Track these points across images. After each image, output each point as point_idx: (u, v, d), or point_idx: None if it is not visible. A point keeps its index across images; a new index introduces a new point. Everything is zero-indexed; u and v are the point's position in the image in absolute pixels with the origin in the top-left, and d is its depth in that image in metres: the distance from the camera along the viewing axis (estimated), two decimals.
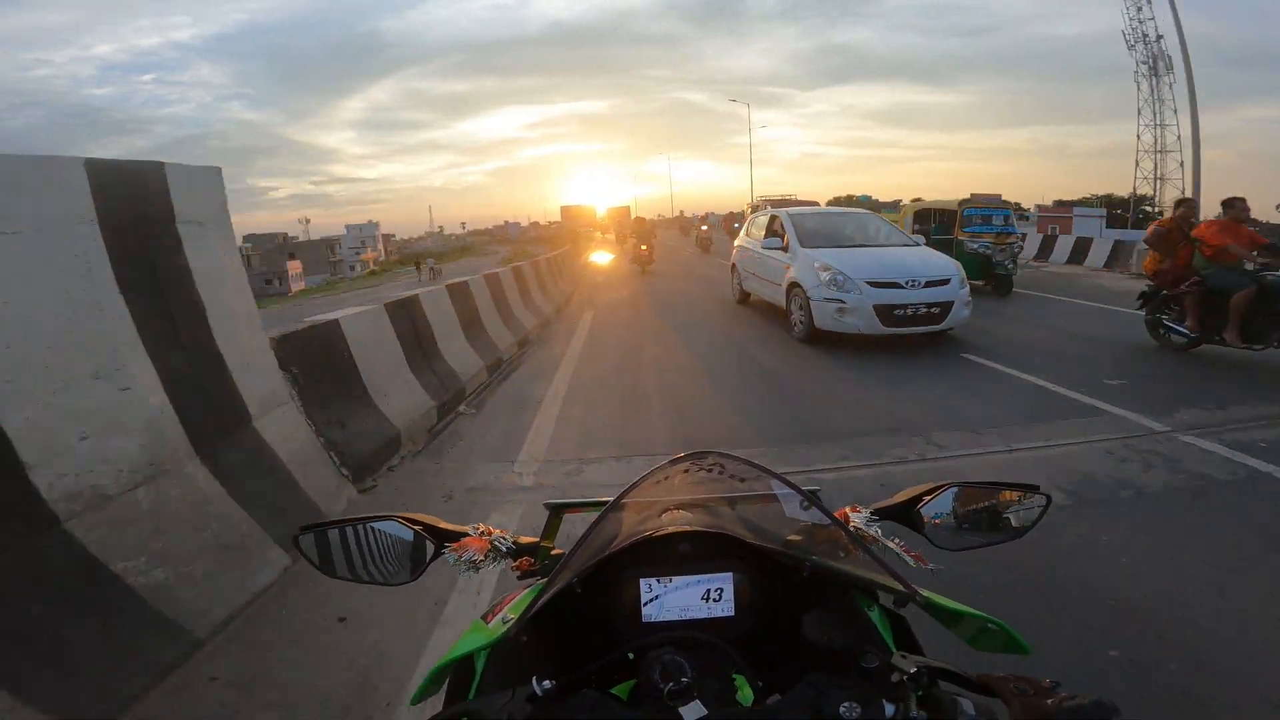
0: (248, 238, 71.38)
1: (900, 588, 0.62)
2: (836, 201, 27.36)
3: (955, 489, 0.80)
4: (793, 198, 22.31)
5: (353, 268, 77.98)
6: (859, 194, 54.98)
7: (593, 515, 0.71)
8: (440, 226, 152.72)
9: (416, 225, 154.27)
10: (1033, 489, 0.80)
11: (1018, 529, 0.80)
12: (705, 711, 0.53)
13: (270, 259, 64.93)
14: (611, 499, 0.72)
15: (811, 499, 0.71)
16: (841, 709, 0.51)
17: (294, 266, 64.00)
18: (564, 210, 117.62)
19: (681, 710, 0.53)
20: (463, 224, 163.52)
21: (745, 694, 0.60)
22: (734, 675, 0.60)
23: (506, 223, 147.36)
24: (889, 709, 0.52)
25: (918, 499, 0.81)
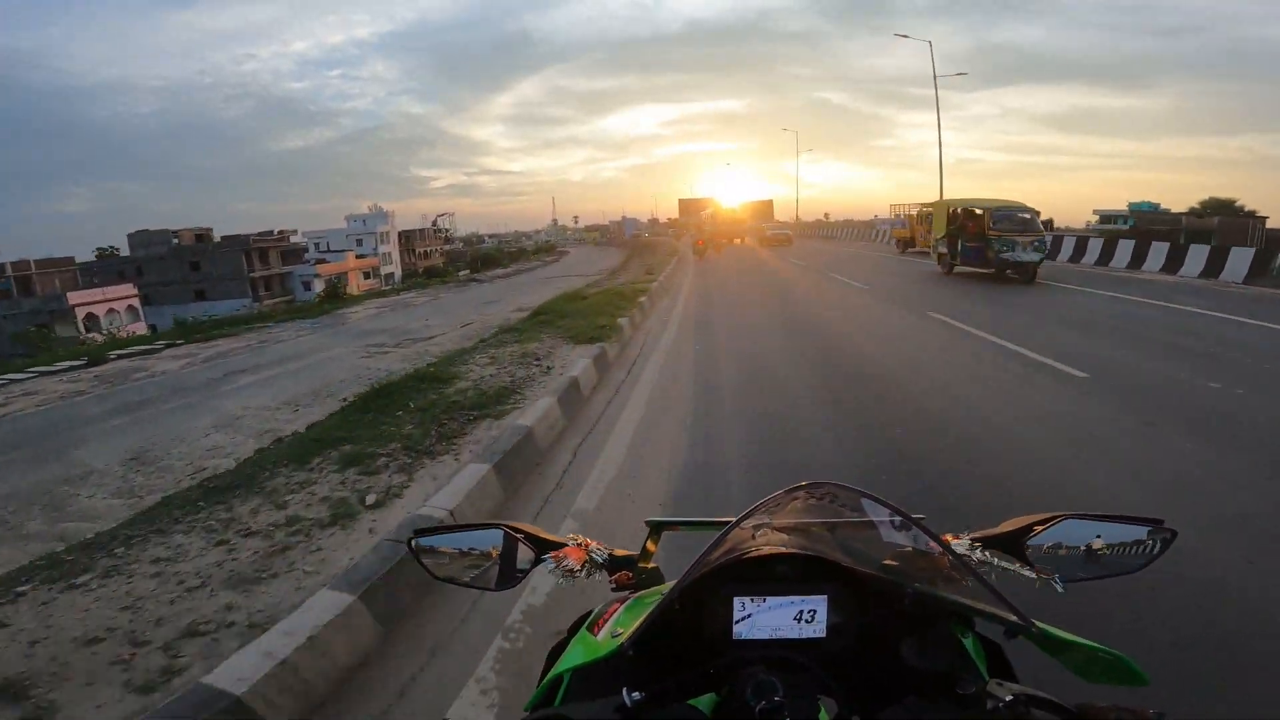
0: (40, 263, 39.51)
1: (1013, 619, 0.60)
2: None
3: (1070, 520, 0.75)
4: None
5: (308, 286, 48.45)
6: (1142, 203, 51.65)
7: (690, 533, 0.86)
8: (554, 219, 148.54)
9: (546, 218, 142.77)
10: (1156, 522, 0.74)
11: (1135, 563, 0.74)
12: None
13: (171, 269, 44.74)
14: (722, 519, 0.75)
15: (916, 524, 0.69)
16: None
17: (114, 294, 38.13)
18: (682, 204, 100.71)
19: None
20: (575, 218, 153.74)
21: (823, 718, 0.60)
22: (818, 697, 0.60)
23: (624, 217, 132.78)
24: None
25: (1027, 529, 0.76)
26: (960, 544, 0.76)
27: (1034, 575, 0.73)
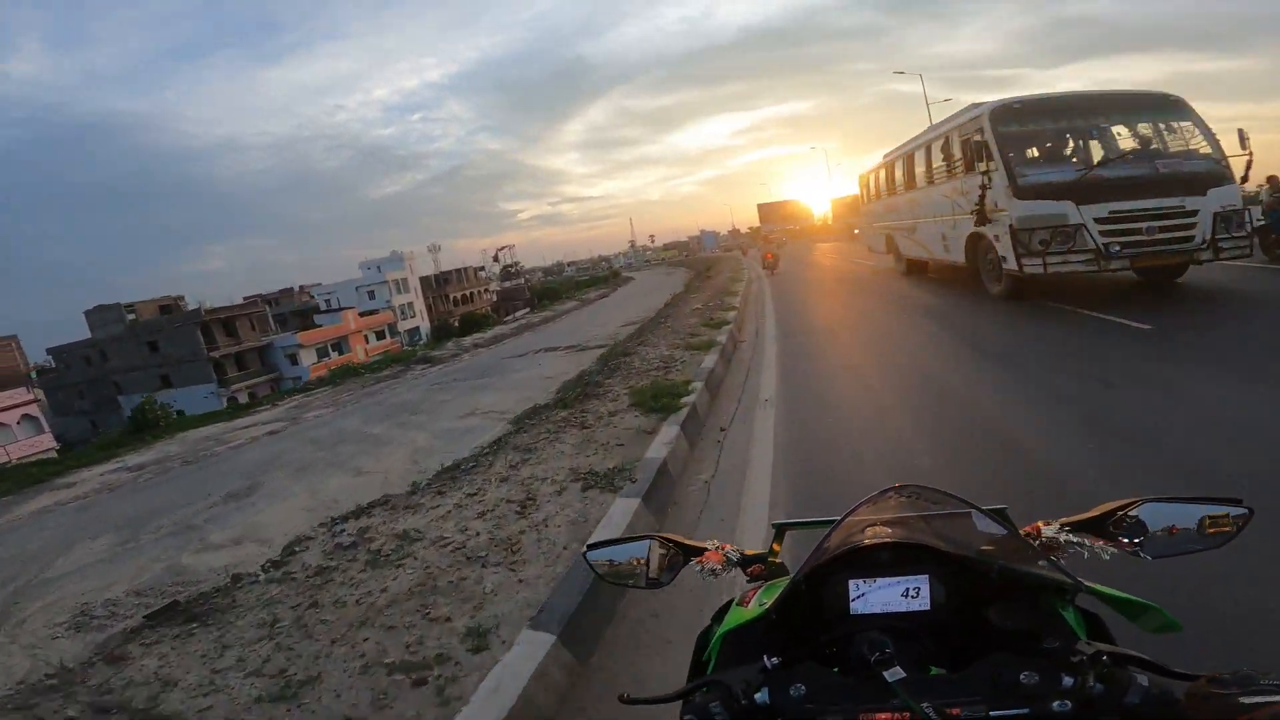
0: None
1: (1067, 580, 0.74)
2: None
3: (1152, 503, 0.83)
4: None
5: (294, 360, 39.41)
6: None
7: (810, 530, 1.00)
8: (632, 241, 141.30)
9: (624, 240, 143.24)
10: (1235, 501, 0.80)
11: (1216, 539, 0.80)
12: (904, 674, 0.67)
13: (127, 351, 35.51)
14: (831, 518, 0.86)
15: (998, 515, 0.84)
16: (1022, 676, 0.65)
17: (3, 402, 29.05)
18: (761, 210, 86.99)
19: (885, 674, 0.67)
20: (651, 237, 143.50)
21: (930, 670, 0.74)
22: (928, 663, 0.74)
23: (702, 231, 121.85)
24: (1067, 680, 0.64)
25: (1111, 514, 0.85)
26: (1050, 529, 0.88)
27: (1116, 551, 0.83)
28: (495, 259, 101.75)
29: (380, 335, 48.01)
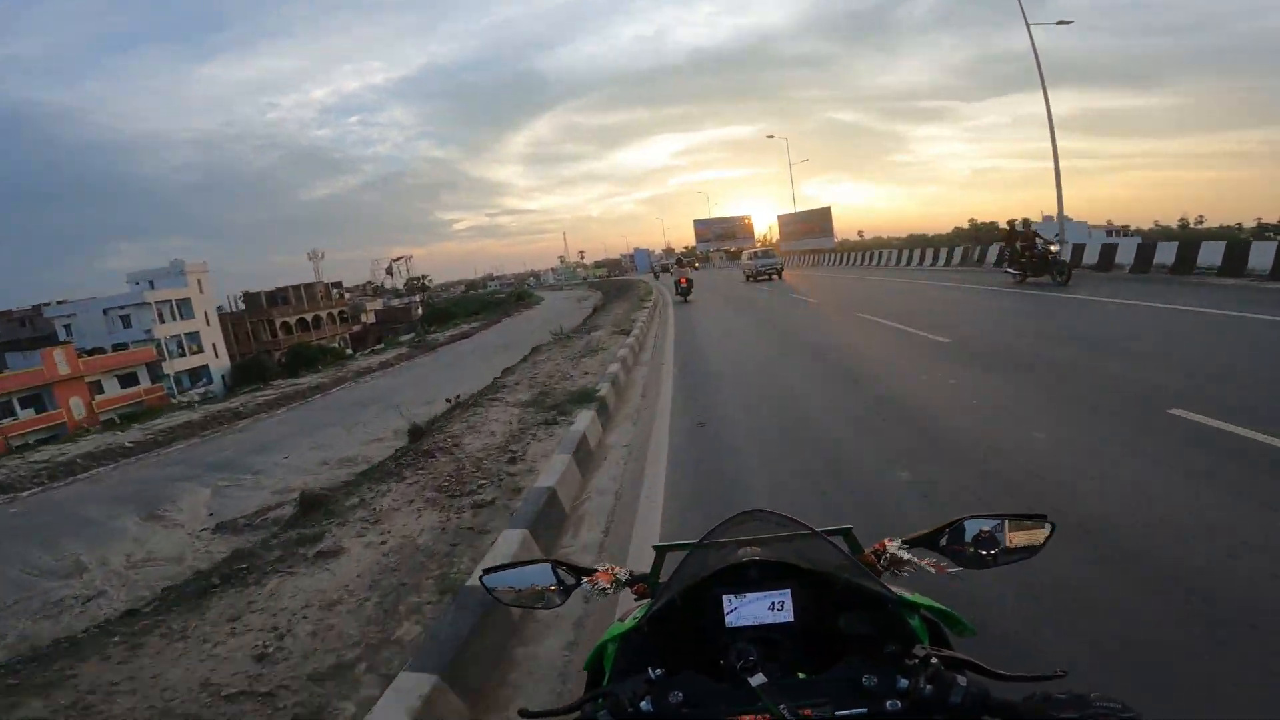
0: None
1: (880, 590, 0.88)
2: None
3: (971, 520, 0.99)
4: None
5: None
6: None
7: (688, 552, 1.02)
8: (561, 257, 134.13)
9: (570, 252, 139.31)
10: (1040, 518, 0.98)
11: (1026, 550, 0.97)
12: (766, 680, 0.77)
13: None
14: (701, 541, 0.98)
15: (843, 535, 1.07)
16: (864, 679, 0.76)
17: None
18: (698, 227, 75.82)
19: (750, 679, 0.77)
20: (581, 253, 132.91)
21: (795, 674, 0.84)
22: (797, 668, 0.85)
23: (635, 249, 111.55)
24: (902, 682, 0.74)
25: (941, 531, 1.02)
26: (894, 545, 1.04)
27: (948, 564, 1.01)
28: (388, 271, 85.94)
29: (130, 380, 32.42)
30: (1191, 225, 70.43)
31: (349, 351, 46.21)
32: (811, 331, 10.95)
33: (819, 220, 53.10)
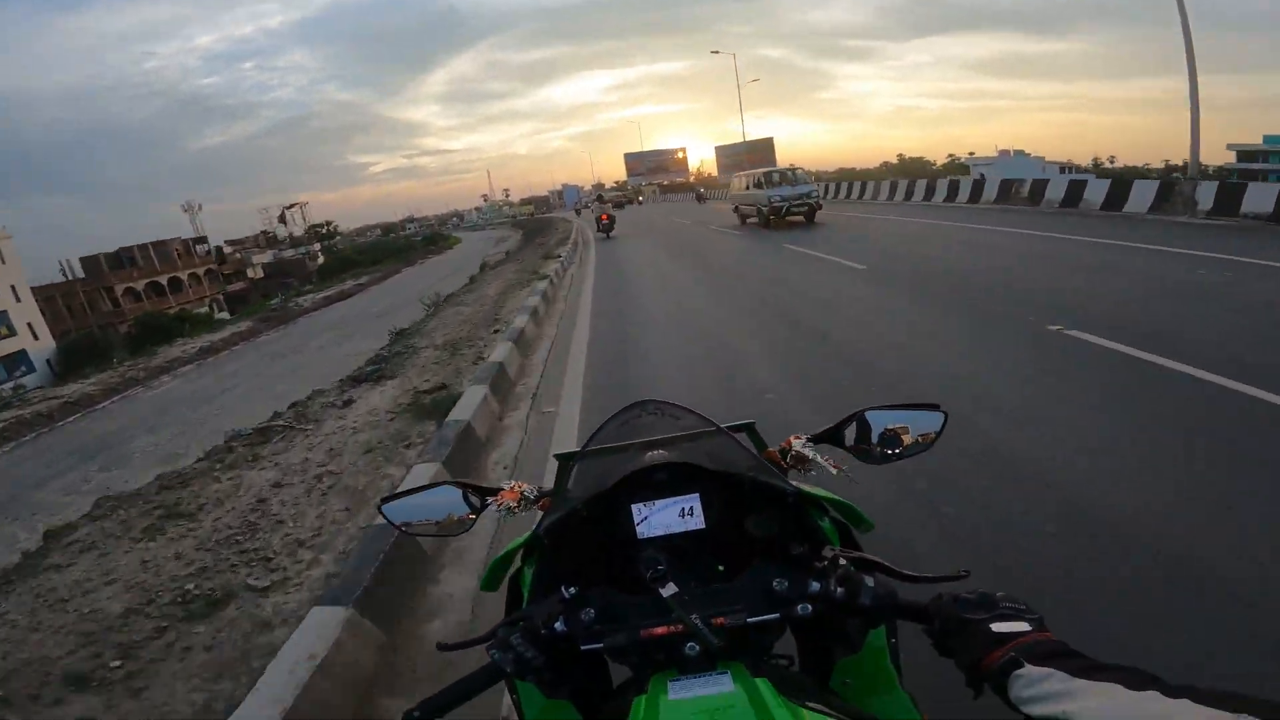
0: None
1: (784, 487, 0.85)
2: None
3: (869, 411, 0.97)
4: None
5: None
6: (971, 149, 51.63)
7: (595, 459, 0.95)
8: (485, 196, 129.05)
9: (495, 191, 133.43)
10: (932, 406, 0.96)
11: (924, 442, 0.96)
12: (677, 590, 0.73)
13: None
14: (609, 445, 0.94)
15: (746, 430, 1.05)
16: (774, 584, 0.74)
17: None
18: (629, 161, 70.29)
19: (660, 590, 0.73)
20: (505, 191, 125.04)
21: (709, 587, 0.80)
22: (710, 577, 0.82)
23: (563, 186, 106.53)
24: (814, 585, 0.73)
25: (842, 426, 0.98)
26: (799, 442, 1.00)
27: (834, 469, 0.97)
28: (281, 219, 75.88)
29: None
30: (1104, 165, 71.28)
31: (223, 315, 38.94)
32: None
33: (763, 152, 48.86)
